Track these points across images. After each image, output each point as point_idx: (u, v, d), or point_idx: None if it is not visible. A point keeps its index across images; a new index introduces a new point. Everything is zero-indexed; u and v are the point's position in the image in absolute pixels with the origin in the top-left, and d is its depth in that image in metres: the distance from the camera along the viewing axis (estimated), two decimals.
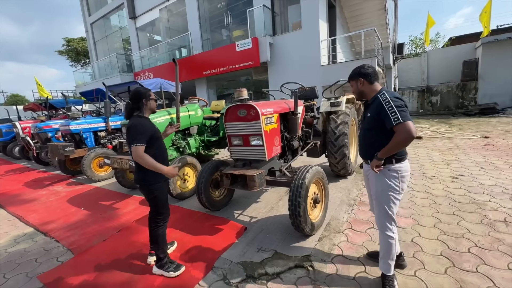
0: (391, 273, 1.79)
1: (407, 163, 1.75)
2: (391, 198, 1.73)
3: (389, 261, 1.78)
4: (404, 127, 1.54)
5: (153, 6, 12.76)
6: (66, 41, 30.10)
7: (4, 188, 5.22)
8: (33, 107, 10.58)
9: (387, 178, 1.71)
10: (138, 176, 2.06)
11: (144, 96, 2.04)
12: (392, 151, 1.63)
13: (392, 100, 1.60)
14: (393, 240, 1.75)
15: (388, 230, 1.76)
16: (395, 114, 1.56)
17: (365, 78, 1.78)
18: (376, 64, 7.42)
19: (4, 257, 2.62)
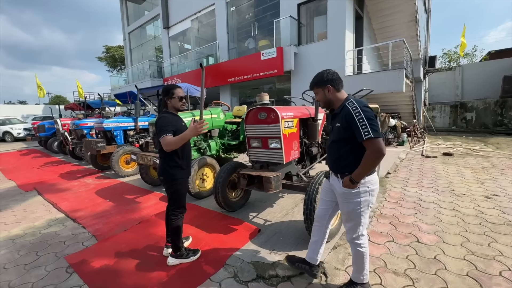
0: (362, 282, 1.75)
1: (376, 175, 1.67)
2: (362, 214, 1.66)
3: (360, 271, 1.74)
4: (374, 144, 1.46)
5: (185, 17, 13.56)
6: (106, 49, 32.74)
7: (42, 178, 5.72)
8: (73, 106, 11.58)
9: (358, 195, 1.62)
10: (164, 171, 2.15)
11: (167, 94, 2.14)
12: (366, 171, 1.54)
13: (363, 111, 1.50)
14: (364, 252, 1.71)
15: (357, 244, 1.72)
16: (365, 127, 1.46)
17: (332, 85, 1.66)
18: (404, 76, 7.18)
19: (38, 237, 2.86)
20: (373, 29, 10.75)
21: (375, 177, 1.65)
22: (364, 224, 1.69)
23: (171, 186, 2.17)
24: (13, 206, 3.95)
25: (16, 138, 15.00)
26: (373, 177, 1.64)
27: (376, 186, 1.66)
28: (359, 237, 1.71)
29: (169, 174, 2.14)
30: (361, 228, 1.69)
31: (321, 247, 1.95)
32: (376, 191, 1.66)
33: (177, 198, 2.20)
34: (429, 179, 4.48)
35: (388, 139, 8.29)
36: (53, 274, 2.16)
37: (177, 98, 2.15)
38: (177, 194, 2.19)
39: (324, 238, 1.96)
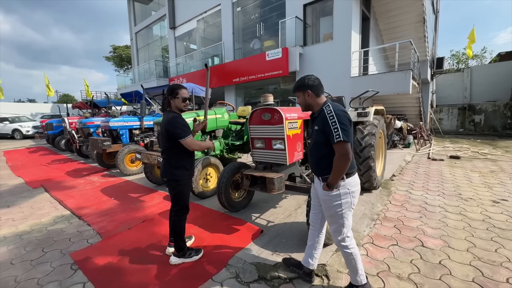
0: (359, 284, 1.74)
1: (356, 176, 1.71)
2: (344, 216, 1.68)
3: (358, 271, 1.73)
4: (342, 148, 1.52)
5: (191, 17, 13.64)
6: (113, 48, 33.15)
7: (49, 175, 5.82)
8: (80, 105, 11.76)
9: (338, 198, 1.65)
10: (168, 171, 2.15)
11: (171, 94, 2.13)
12: (339, 175, 1.58)
13: (337, 115, 1.56)
14: (352, 253, 1.72)
15: (343, 246, 1.73)
16: (337, 130, 1.52)
17: (312, 90, 1.72)
18: (410, 77, 7.09)
19: (44, 233, 2.91)
20: (379, 30, 10.64)
21: (355, 179, 1.69)
22: (347, 226, 1.71)
23: (175, 187, 2.18)
24: (21, 203, 4.02)
25: (25, 136, 15.31)
26: (353, 179, 1.67)
27: (357, 187, 1.69)
28: (344, 239, 1.72)
29: (173, 175, 2.14)
30: (345, 230, 1.71)
31: (316, 251, 1.95)
32: (357, 193, 1.70)
33: (180, 199, 2.20)
34: (435, 183, 4.42)
35: (394, 141, 8.20)
36: (58, 271, 2.19)
37: (181, 98, 2.14)
38: (180, 195, 2.20)
39: (319, 243, 1.95)
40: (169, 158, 2.14)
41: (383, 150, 4.46)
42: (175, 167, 2.13)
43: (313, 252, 1.94)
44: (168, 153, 2.14)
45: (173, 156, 2.13)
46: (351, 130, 1.60)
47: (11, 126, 15.52)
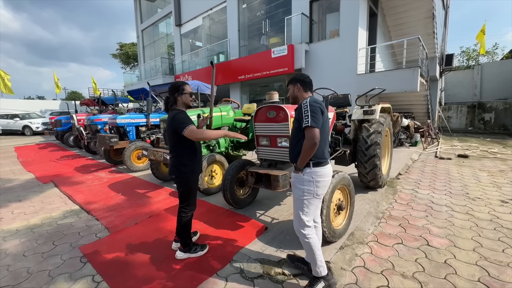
0: (319, 275, 1.78)
1: (326, 168, 1.78)
2: (304, 202, 1.76)
3: (317, 262, 1.77)
4: (310, 132, 1.64)
5: (197, 14, 13.65)
6: (120, 46, 33.44)
7: (58, 171, 5.95)
8: (88, 102, 11.93)
9: (302, 183, 1.75)
10: (176, 169, 2.17)
11: (177, 90, 2.13)
12: (305, 158, 1.69)
13: (310, 105, 1.69)
14: (310, 244, 1.76)
15: (302, 234, 1.78)
16: (307, 117, 1.65)
17: (301, 85, 1.90)
18: (418, 74, 6.98)
19: (55, 227, 3.00)
20: (387, 26, 10.47)
21: (324, 170, 1.76)
22: (307, 214, 1.77)
23: (183, 184, 2.21)
24: (32, 197, 4.14)
25: (34, 132, 15.64)
26: (321, 169, 1.75)
27: (323, 179, 1.75)
28: (303, 227, 1.77)
29: (182, 172, 2.17)
30: (305, 218, 1.76)
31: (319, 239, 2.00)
32: (322, 183, 1.76)
33: (188, 196, 2.24)
34: (442, 182, 4.36)
35: (400, 139, 8.10)
36: (68, 263, 2.26)
37: (188, 93, 2.17)
38: (188, 192, 2.24)
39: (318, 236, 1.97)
40: (177, 155, 2.16)
41: (389, 149, 4.41)
42: (183, 164, 2.15)
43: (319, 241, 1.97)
44: (176, 150, 2.16)
45: (180, 154, 2.15)
46: (321, 119, 1.70)
47: (21, 122, 15.88)
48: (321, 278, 1.78)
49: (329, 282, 1.79)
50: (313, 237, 1.78)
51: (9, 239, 2.74)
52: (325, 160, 1.78)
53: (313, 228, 1.82)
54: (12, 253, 2.47)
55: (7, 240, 2.72)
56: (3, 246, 2.60)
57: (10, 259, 2.36)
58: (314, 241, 1.77)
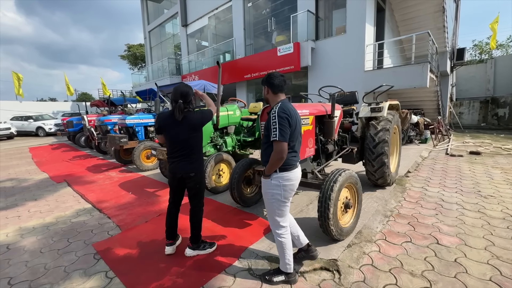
0: (286, 271, 1.89)
1: (293, 173, 1.81)
2: (274, 205, 1.82)
3: (285, 260, 1.88)
4: (278, 146, 1.67)
5: (203, 14, 13.73)
6: (128, 47, 33.95)
7: (71, 170, 6.13)
8: (98, 103, 12.18)
9: (270, 187, 1.80)
10: (196, 166, 2.24)
11: (192, 93, 2.23)
12: (272, 168, 1.74)
13: (278, 116, 1.68)
14: (283, 241, 1.85)
15: (276, 233, 1.87)
16: (275, 130, 1.66)
17: (269, 87, 1.87)
18: (428, 70, 6.83)
19: (69, 225, 3.11)
20: (395, 21, 10.26)
21: (290, 175, 1.79)
22: (280, 215, 1.84)
23: (200, 181, 2.30)
24: (47, 196, 4.29)
25: (47, 133, 16.11)
26: (287, 174, 1.78)
27: (289, 183, 1.79)
28: (278, 227, 1.86)
29: (201, 170, 2.28)
30: (279, 219, 1.85)
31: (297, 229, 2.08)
32: (289, 187, 1.80)
33: (202, 192, 2.36)
34: (453, 179, 4.28)
35: (410, 136, 7.96)
36: (82, 260, 2.34)
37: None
38: (202, 188, 2.36)
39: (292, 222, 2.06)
40: (192, 153, 2.21)
41: (397, 146, 4.36)
42: (202, 160, 2.30)
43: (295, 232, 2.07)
44: (191, 148, 2.20)
45: (200, 152, 2.28)
46: (289, 131, 1.70)
47: (35, 124, 16.38)
48: (285, 273, 1.90)
49: (289, 279, 1.90)
50: (287, 237, 1.87)
51: (27, 236, 2.86)
52: (292, 166, 1.80)
53: (288, 228, 1.90)
54: (29, 249, 2.57)
55: (25, 237, 2.84)
56: (22, 243, 2.72)
57: (28, 255, 2.46)
58: (287, 241, 1.87)
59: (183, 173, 2.21)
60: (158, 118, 2.24)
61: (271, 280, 1.90)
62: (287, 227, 1.89)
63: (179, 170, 2.21)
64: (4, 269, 2.26)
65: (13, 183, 5.30)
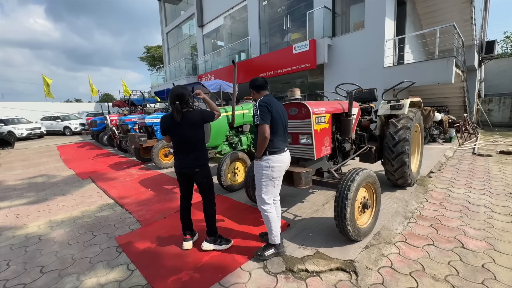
0: (273, 243, 2.18)
1: (281, 156, 2.11)
2: (263, 183, 2.12)
3: (269, 232, 2.18)
4: (260, 128, 2.01)
5: (219, 14, 13.87)
6: (146, 49, 35.05)
7: (95, 167, 6.46)
8: (119, 103, 12.71)
9: (260, 168, 2.11)
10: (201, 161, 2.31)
11: (187, 93, 2.25)
12: (259, 148, 2.06)
13: (259, 105, 2.03)
14: (267, 216, 2.13)
15: (262, 209, 2.15)
16: (257, 116, 2.02)
17: (254, 89, 2.27)
18: (453, 65, 6.46)
19: (93, 219, 3.28)
20: (417, 14, 9.80)
21: (278, 157, 2.09)
22: (266, 193, 2.13)
23: (207, 175, 2.38)
24: (73, 192, 4.55)
25: (73, 132, 17.06)
26: (275, 157, 2.09)
27: (277, 164, 2.10)
28: (263, 203, 2.14)
29: (205, 164, 2.36)
30: (265, 197, 2.13)
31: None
32: (277, 169, 2.10)
33: (211, 186, 2.43)
34: (481, 180, 4.03)
35: (433, 135, 7.59)
36: (106, 252, 2.47)
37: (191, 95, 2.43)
38: (210, 182, 2.42)
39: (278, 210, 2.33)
40: (196, 149, 2.31)
41: (419, 145, 4.17)
42: (205, 153, 2.39)
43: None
44: (199, 144, 2.33)
45: (204, 147, 2.38)
46: (269, 115, 2.02)
47: (62, 123, 17.41)
48: (274, 246, 2.19)
49: (278, 250, 2.20)
50: (272, 211, 2.15)
51: (56, 229, 3.05)
52: (280, 149, 2.10)
53: (272, 205, 2.18)
54: (58, 241, 2.75)
55: (54, 230, 3.03)
56: (51, 234, 2.91)
57: (57, 246, 2.63)
58: (272, 216, 2.14)
59: (189, 169, 2.31)
60: (161, 121, 2.33)
61: (263, 255, 2.15)
62: (272, 204, 2.17)
63: (185, 166, 2.32)
64: (37, 258, 2.43)
65: (44, 179, 5.67)
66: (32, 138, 15.87)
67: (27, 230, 3.07)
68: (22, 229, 3.10)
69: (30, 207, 3.89)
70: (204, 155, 2.38)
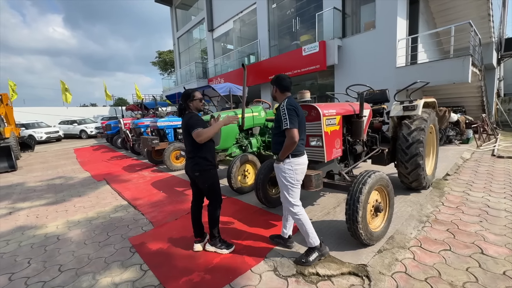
0: (313, 245, 2.11)
1: (302, 158, 2.11)
2: (288, 187, 2.09)
3: (305, 236, 2.12)
4: (289, 133, 1.95)
5: (228, 18, 14.05)
6: (158, 54, 35.91)
7: (109, 170, 6.65)
8: (132, 107, 13.08)
9: (284, 171, 2.07)
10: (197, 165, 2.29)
11: (188, 98, 2.32)
12: (285, 152, 2.02)
13: (287, 108, 1.97)
14: (300, 220, 2.10)
15: (293, 213, 2.12)
16: (286, 120, 1.94)
17: (277, 87, 2.16)
18: (469, 64, 6.25)
19: (108, 220, 3.38)
20: (431, 12, 9.56)
21: (300, 160, 2.09)
22: (293, 196, 2.11)
23: (207, 180, 2.33)
24: (89, 193, 4.70)
25: (89, 135, 17.67)
26: (298, 160, 2.08)
27: (300, 167, 2.09)
28: (293, 207, 2.11)
29: (203, 166, 2.30)
30: (292, 199, 2.11)
31: (288, 222, 2.39)
32: (300, 170, 2.10)
33: (215, 190, 2.37)
34: (501, 183, 3.86)
35: (449, 136, 7.34)
36: (120, 252, 2.53)
37: (198, 99, 2.36)
38: (213, 186, 2.37)
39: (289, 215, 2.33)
40: (196, 153, 2.30)
41: (434, 147, 4.05)
42: (204, 158, 2.29)
43: (286, 223, 2.40)
44: (194, 149, 2.29)
45: (202, 151, 2.29)
46: (298, 120, 1.99)
47: (79, 127, 18.08)
48: (315, 248, 2.11)
49: (321, 252, 2.12)
50: (303, 213, 2.12)
51: (73, 229, 3.16)
52: (301, 152, 2.10)
53: (301, 206, 2.14)
54: (75, 241, 2.85)
55: (72, 230, 3.14)
56: (69, 234, 3.02)
57: (74, 246, 2.72)
58: (304, 217, 2.10)
59: (190, 172, 2.37)
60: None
61: (308, 260, 2.07)
62: (300, 205, 2.13)
63: (186, 169, 2.41)
64: (55, 257, 2.53)
65: (61, 180, 5.90)
66: (51, 141, 16.54)
67: (46, 229, 3.20)
68: (42, 229, 3.23)
69: (49, 207, 4.05)
70: (202, 161, 2.29)
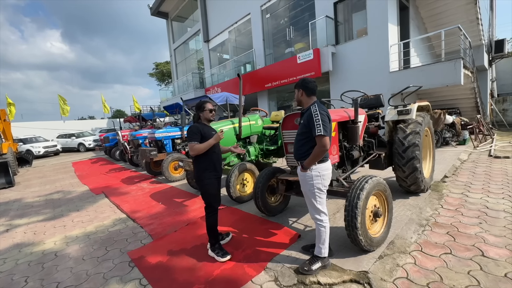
0: (321, 255, 2.10)
1: (328, 163, 2.09)
2: (316, 194, 2.05)
3: (319, 244, 2.10)
4: (322, 140, 1.89)
5: (223, 29, 14.29)
6: (155, 65, 36.27)
7: (108, 182, 6.61)
8: (130, 119, 13.11)
9: (311, 178, 2.02)
10: (195, 173, 2.51)
11: (199, 109, 2.56)
12: (314, 161, 1.97)
13: (320, 113, 1.92)
14: (323, 228, 2.08)
15: (319, 220, 2.09)
16: (319, 126, 1.88)
17: (304, 90, 2.10)
18: (461, 66, 6.37)
19: (107, 234, 3.34)
20: (421, 18, 9.79)
21: (326, 165, 2.06)
22: (321, 203, 2.07)
23: (201, 187, 2.50)
24: (87, 207, 4.66)
25: (87, 148, 17.60)
26: (324, 165, 2.05)
27: (327, 172, 2.06)
28: (320, 214, 2.08)
29: (197, 175, 2.49)
30: (320, 207, 2.07)
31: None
32: (327, 176, 2.06)
33: (206, 197, 2.51)
34: (499, 184, 3.88)
35: (445, 138, 7.39)
36: (119, 267, 2.50)
37: (208, 110, 2.55)
38: (206, 193, 2.50)
39: None
40: (194, 161, 2.51)
41: (430, 149, 4.08)
42: (198, 168, 2.48)
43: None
44: (194, 158, 2.48)
45: (197, 159, 2.48)
46: (330, 127, 1.98)
47: (77, 140, 18.03)
48: (320, 258, 2.10)
49: (325, 263, 2.12)
50: (327, 223, 2.10)
51: (71, 244, 3.13)
52: (326, 157, 2.08)
53: (327, 215, 2.11)
54: (74, 256, 2.81)
55: (70, 245, 3.11)
56: (67, 250, 2.98)
57: (72, 262, 2.69)
58: (328, 227, 2.10)
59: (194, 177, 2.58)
60: None
61: (311, 269, 2.05)
62: (327, 215, 2.11)
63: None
64: (53, 274, 2.49)
65: (59, 195, 5.85)
66: (49, 155, 16.46)
67: (44, 246, 3.16)
68: (39, 246, 3.19)
69: (47, 223, 4.01)
70: (198, 168, 2.47)
